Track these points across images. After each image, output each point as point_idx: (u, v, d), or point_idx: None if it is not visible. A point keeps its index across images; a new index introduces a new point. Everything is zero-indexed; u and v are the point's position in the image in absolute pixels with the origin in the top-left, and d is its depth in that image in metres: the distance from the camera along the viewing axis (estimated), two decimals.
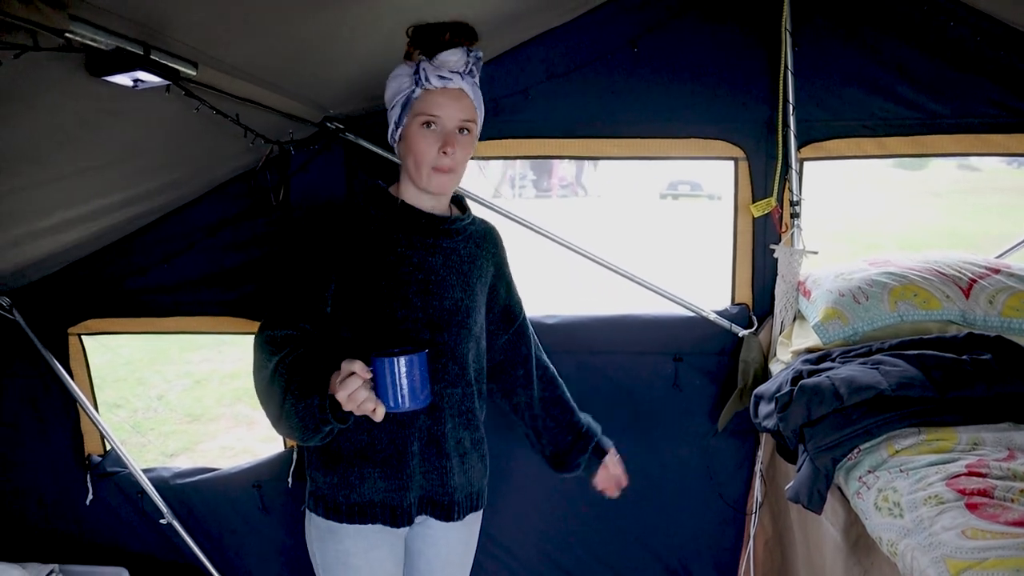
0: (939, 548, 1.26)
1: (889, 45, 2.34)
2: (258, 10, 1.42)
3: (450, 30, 1.55)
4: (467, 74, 1.57)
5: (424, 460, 1.66)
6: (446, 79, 1.54)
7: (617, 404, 2.61)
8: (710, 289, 3.41)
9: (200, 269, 2.52)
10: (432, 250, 1.65)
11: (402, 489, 1.64)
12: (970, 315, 2.07)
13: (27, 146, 1.45)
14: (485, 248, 1.77)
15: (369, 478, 1.63)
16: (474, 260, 1.72)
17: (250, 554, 2.74)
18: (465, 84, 1.57)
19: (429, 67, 1.54)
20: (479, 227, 1.78)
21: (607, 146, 2.46)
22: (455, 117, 1.56)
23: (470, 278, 1.70)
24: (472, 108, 1.60)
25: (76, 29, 1.07)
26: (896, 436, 1.66)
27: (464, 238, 1.71)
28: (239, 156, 2.25)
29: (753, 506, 2.61)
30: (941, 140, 2.39)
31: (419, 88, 1.55)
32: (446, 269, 1.66)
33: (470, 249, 1.72)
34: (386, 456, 1.62)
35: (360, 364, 1.38)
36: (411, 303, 1.61)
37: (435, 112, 1.55)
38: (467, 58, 1.55)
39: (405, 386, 1.37)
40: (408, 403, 1.38)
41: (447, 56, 1.53)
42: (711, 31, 2.38)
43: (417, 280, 1.62)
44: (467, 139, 1.61)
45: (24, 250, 2.11)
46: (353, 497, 1.64)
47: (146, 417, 6.16)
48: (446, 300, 1.65)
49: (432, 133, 1.57)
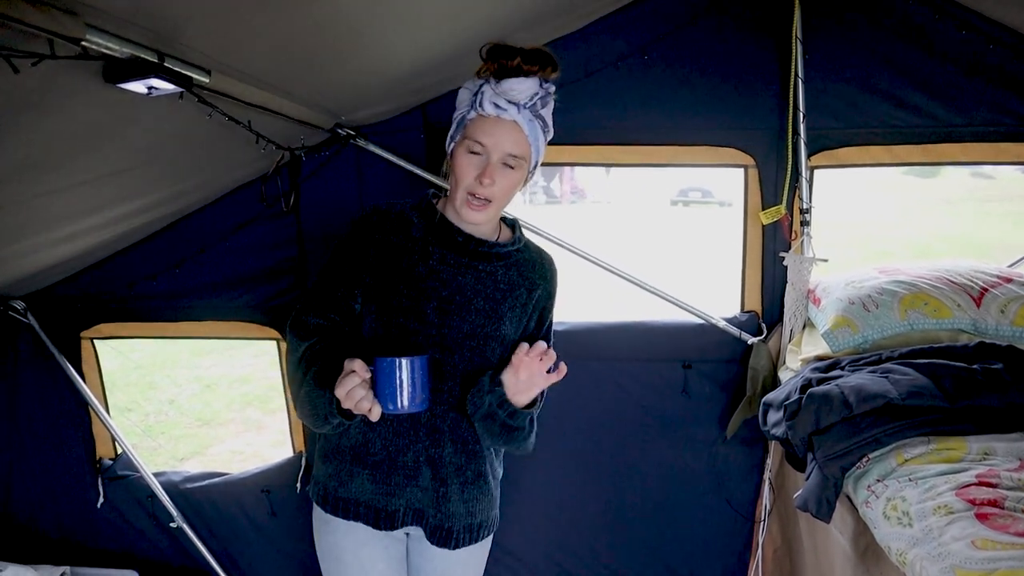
0: (949, 558, 1.26)
1: (900, 53, 2.34)
2: (270, 18, 1.44)
3: (521, 56, 1.46)
4: (527, 107, 1.48)
5: (417, 476, 1.62)
6: (501, 109, 1.47)
7: (625, 411, 2.61)
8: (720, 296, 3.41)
9: (211, 275, 2.54)
10: (465, 270, 1.59)
11: (388, 495, 1.62)
12: (981, 324, 2.06)
13: (43, 154, 1.47)
14: (529, 278, 1.66)
15: (358, 477, 1.62)
16: (511, 288, 1.63)
17: (259, 559, 2.75)
18: (521, 118, 1.48)
19: (488, 91, 1.47)
20: (529, 256, 1.68)
21: (618, 153, 2.47)
22: (501, 150, 1.49)
23: (501, 306, 1.61)
24: (525, 144, 1.51)
25: (92, 37, 1.08)
26: (905, 445, 1.66)
27: (506, 264, 1.63)
28: (251, 162, 2.27)
29: (762, 514, 2.60)
30: (953, 148, 2.39)
31: (473, 111, 1.50)
32: (474, 292, 1.59)
33: (510, 276, 1.63)
34: (377, 461, 1.61)
35: (360, 363, 1.38)
36: (427, 319, 1.56)
37: (482, 140, 1.49)
38: (537, 89, 1.48)
39: (403, 388, 1.38)
40: (406, 405, 1.39)
41: (512, 84, 1.46)
42: (722, 39, 2.38)
43: (440, 296, 1.57)
44: (512, 174, 1.52)
45: (39, 255, 2.13)
46: (341, 492, 1.65)
47: (157, 421, 6.19)
48: (465, 324, 1.58)
49: (475, 159, 1.50)
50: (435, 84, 2.26)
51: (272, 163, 2.31)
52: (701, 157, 2.46)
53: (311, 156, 2.43)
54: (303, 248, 2.50)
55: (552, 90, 1.52)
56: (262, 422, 5.97)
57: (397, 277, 1.57)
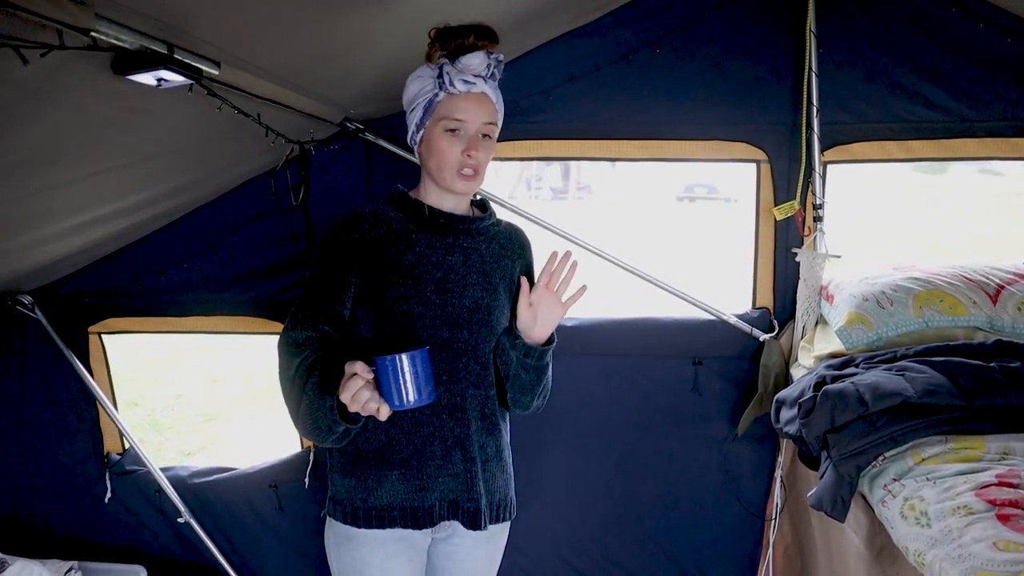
0: (969, 560, 1.24)
1: (916, 47, 2.31)
2: (280, 11, 1.42)
3: (474, 33, 1.53)
4: (489, 77, 1.56)
5: (448, 463, 1.62)
6: (470, 83, 1.53)
7: (636, 408, 2.60)
8: (727, 293, 3.39)
9: (219, 269, 2.53)
10: (452, 249, 1.63)
11: (422, 490, 1.61)
12: (997, 322, 2.03)
13: (51, 146, 1.46)
14: (510, 249, 1.73)
15: (387, 480, 1.60)
16: (498, 261, 1.69)
17: (267, 554, 2.74)
18: (488, 88, 1.56)
19: (452, 71, 1.52)
20: (504, 229, 1.75)
21: (628, 147, 2.45)
22: (478, 121, 1.56)
23: (492, 278, 1.67)
24: (494, 111, 1.59)
25: (101, 28, 1.07)
26: (922, 444, 1.64)
27: (487, 239, 1.69)
28: (259, 156, 2.26)
29: (773, 512, 2.58)
30: (968, 144, 2.36)
31: (442, 92, 1.54)
32: (466, 268, 1.64)
33: (493, 250, 1.69)
34: (405, 457, 1.60)
35: (361, 365, 1.39)
36: (428, 300, 1.59)
37: (459, 117, 1.54)
38: (489, 61, 1.54)
39: (407, 383, 1.37)
40: (412, 399, 1.38)
41: (470, 59, 1.52)
42: (734, 32, 2.36)
43: (435, 278, 1.60)
44: (489, 143, 1.60)
45: (47, 249, 2.12)
46: (371, 501, 1.61)
47: (164, 416, 6.20)
48: (466, 298, 1.62)
49: (456, 137, 1.55)
50: None
51: (281, 157, 2.30)
52: (713, 152, 2.44)
53: (320, 150, 2.41)
54: (312, 242, 2.49)
55: (501, 58, 1.58)
56: (269, 417, 5.96)
57: (389, 270, 1.59)
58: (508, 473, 1.76)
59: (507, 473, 1.76)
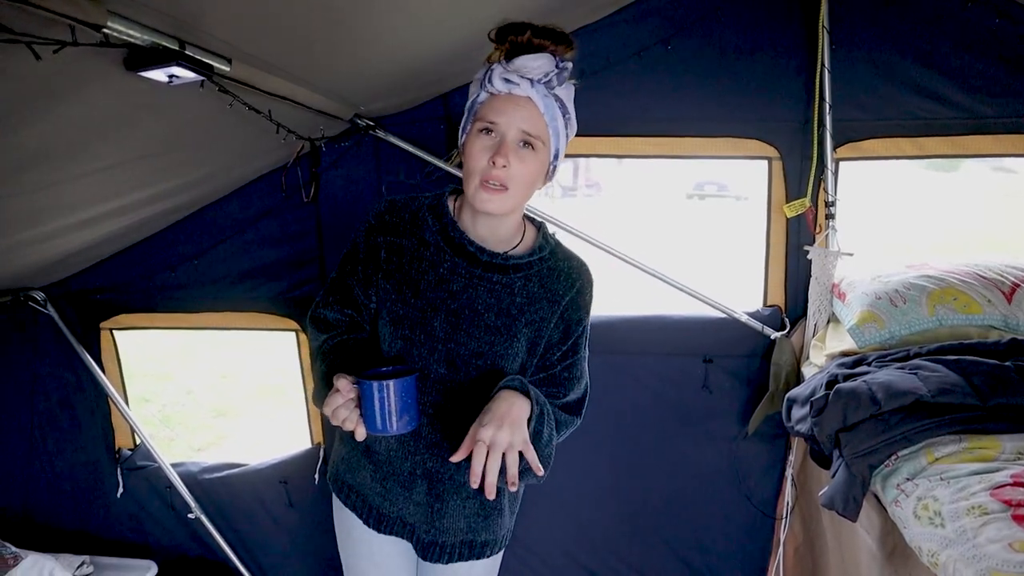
0: (984, 560, 1.23)
1: (930, 42, 2.28)
2: (290, 7, 1.42)
3: (531, 30, 1.35)
4: (542, 82, 1.36)
5: (411, 490, 1.57)
6: (512, 84, 1.35)
7: (646, 406, 2.59)
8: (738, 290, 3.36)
9: (230, 265, 2.54)
10: (477, 281, 1.47)
11: (383, 498, 1.60)
12: (1012, 320, 2.01)
13: (62, 141, 1.46)
14: (552, 290, 1.50)
15: (364, 469, 1.61)
16: (531, 303, 1.49)
17: (277, 550, 2.75)
18: (534, 92, 1.36)
19: (499, 69, 1.36)
20: (556, 264, 1.52)
21: (640, 144, 2.44)
22: (515, 126, 1.36)
23: (516, 321, 1.48)
24: (540, 121, 1.38)
25: (113, 24, 1.07)
26: (936, 443, 1.62)
27: (526, 275, 1.49)
28: (270, 152, 2.26)
29: (783, 511, 2.57)
30: (982, 140, 2.33)
31: (483, 91, 1.38)
32: (486, 306, 1.47)
33: (529, 289, 1.49)
34: (379, 461, 1.59)
35: (344, 382, 1.32)
36: (434, 333, 1.47)
37: (493, 118, 1.36)
38: (551, 67, 1.36)
39: (389, 410, 1.30)
40: (392, 427, 1.31)
41: (524, 60, 1.34)
42: (746, 29, 2.34)
43: (448, 309, 1.46)
44: (529, 158, 1.38)
45: (59, 243, 2.13)
46: (347, 477, 1.65)
47: (175, 411, 6.23)
48: (473, 341, 1.47)
49: (488, 141, 1.37)
50: (455, 74, 2.24)
51: (292, 153, 2.30)
52: (724, 149, 2.42)
53: (330, 146, 2.42)
54: (322, 239, 2.49)
55: (569, 67, 1.39)
56: (279, 413, 5.99)
57: (405, 284, 1.48)
58: (501, 513, 1.65)
59: (499, 513, 1.64)
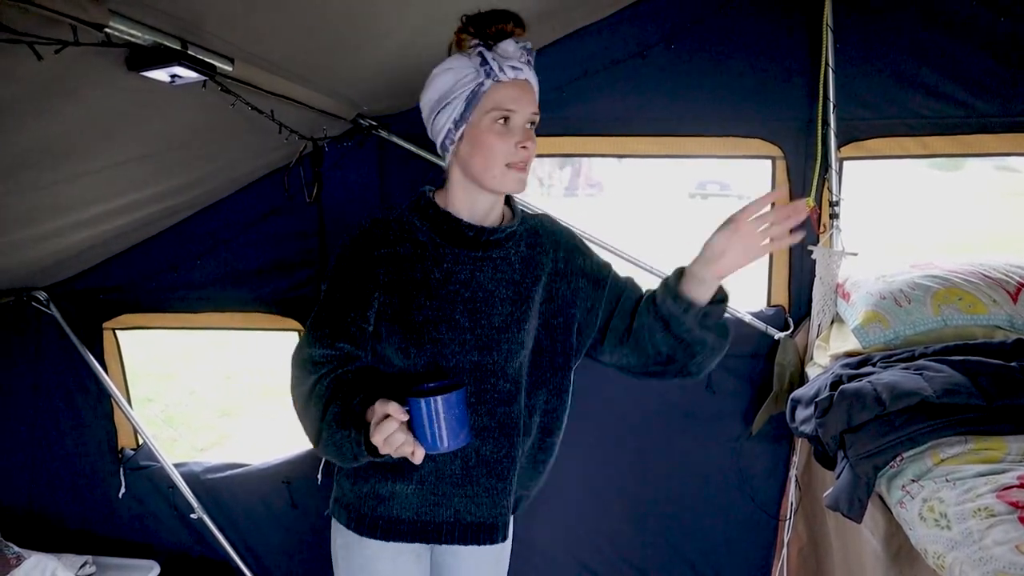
0: (991, 563, 1.22)
1: (934, 41, 2.27)
2: (292, 7, 1.42)
3: (512, 19, 1.43)
4: (530, 65, 1.46)
5: (468, 483, 1.53)
6: (518, 69, 1.41)
7: (649, 406, 2.58)
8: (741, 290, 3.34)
9: (232, 265, 2.54)
10: (481, 264, 1.50)
11: (436, 506, 1.54)
12: (1018, 320, 2.00)
13: (64, 140, 1.46)
14: (540, 245, 1.59)
15: (401, 495, 1.53)
16: (528, 264, 1.56)
17: (279, 550, 2.75)
18: (531, 75, 1.46)
19: (497, 57, 1.40)
20: (529, 225, 1.61)
21: (643, 144, 2.43)
22: (527, 111, 1.44)
23: (523, 285, 1.54)
24: (536, 101, 1.48)
25: (115, 24, 1.07)
26: (941, 444, 1.61)
27: (515, 243, 1.56)
28: (272, 152, 2.26)
29: (787, 512, 2.56)
30: (987, 139, 2.33)
31: (489, 80, 1.40)
32: (495, 283, 1.51)
33: (522, 252, 1.56)
34: (423, 475, 1.52)
35: (395, 406, 1.27)
36: (458, 324, 1.48)
37: (510, 106, 1.41)
38: (528, 50, 1.45)
39: (444, 426, 1.27)
40: (448, 443, 1.28)
41: (508, 45, 1.41)
42: (749, 27, 2.33)
43: (464, 299, 1.48)
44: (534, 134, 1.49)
45: (60, 242, 2.13)
46: (380, 510, 1.55)
47: (177, 412, 6.23)
48: (495, 317, 1.50)
49: (507, 128, 1.43)
50: None
51: (294, 153, 2.30)
52: (728, 148, 2.42)
53: (333, 147, 2.41)
54: (324, 239, 2.49)
55: (530, 45, 1.47)
56: (282, 413, 5.98)
57: (415, 289, 1.47)
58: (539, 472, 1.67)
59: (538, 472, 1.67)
